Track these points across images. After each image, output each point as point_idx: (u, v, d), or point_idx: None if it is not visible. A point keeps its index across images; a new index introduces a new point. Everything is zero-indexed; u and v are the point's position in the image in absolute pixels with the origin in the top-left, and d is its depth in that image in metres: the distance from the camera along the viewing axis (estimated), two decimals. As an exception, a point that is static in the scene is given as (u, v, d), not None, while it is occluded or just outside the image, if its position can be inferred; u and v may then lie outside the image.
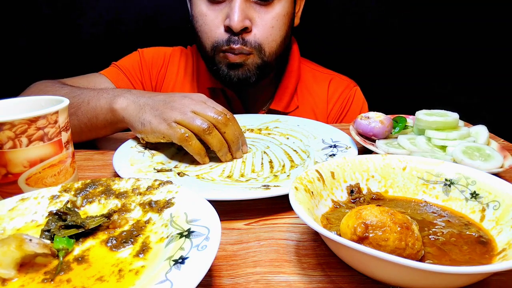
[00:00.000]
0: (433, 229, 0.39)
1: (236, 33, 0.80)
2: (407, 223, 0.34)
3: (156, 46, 1.01)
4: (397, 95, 1.27)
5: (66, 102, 0.48)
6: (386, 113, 0.68)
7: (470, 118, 0.76)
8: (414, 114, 0.67)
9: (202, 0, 0.83)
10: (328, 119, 0.98)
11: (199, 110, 0.60)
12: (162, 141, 0.61)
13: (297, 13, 0.93)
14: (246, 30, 0.80)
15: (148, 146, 0.67)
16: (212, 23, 0.82)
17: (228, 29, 0.80)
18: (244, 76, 0.84)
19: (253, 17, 0.81)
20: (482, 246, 0.36)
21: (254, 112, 0.97)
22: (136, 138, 0.69)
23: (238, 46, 0.81)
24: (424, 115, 0.63)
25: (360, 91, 1.01)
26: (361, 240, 0.33)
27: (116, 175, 0.55)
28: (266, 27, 0.82)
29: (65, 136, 0.48)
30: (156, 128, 0.60)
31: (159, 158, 0.63)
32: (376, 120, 0.64)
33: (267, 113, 0.96)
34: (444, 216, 0.42)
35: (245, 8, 0.79)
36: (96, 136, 0.72)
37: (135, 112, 0.62)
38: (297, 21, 0.93)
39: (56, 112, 0.46)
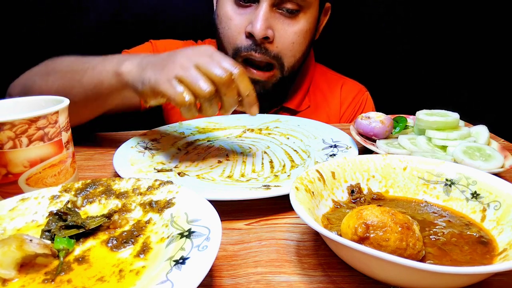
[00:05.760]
0: (434, 229, 0.39)
1: (257, 41, 0.79)
2: (408, 223, 0.34)
3: (168, 39, 1.00)
4: (397, 95, 1.27)
5: (66, 102, 0.48)
6: (387, 113, 0.68)
7: (470, 118, 0.76)
8: (414, 114, 0.67)
9: (229, 1, 0.82)
10: (340, 121, 0.99)
11: (203, 64, 0.52)
12: (161, 101, 0.56)
13: (319, 27, 0.92)
14: (267, 39, 0.79)
15: (149, 146, 0.67)
16: (234, 28, 0.82)
17: (249, 35, 0.79)
18: (258, 92, 0.85)
19: (276, 28, 0.80)
20: (483, 246, 0.36)
21: (267, 109, 0.96)
22: (136, 138, 0.69)
23: (259, 55, 0.80)
24: (424, 115, 0.63)
25: (370, 96, 1.03)
26: (362, 240, 0.33)
27: (117, 175, 0.55)
28: (288, 41, 0.82)
29: (65, 136, 0.48)
30: (155, 85, 0.53)
31: (160, 158, 0.63)
32: (376, 120, 0.64)
33: (279, 110, 0.96)
34: (445, 216, 0.42)
35: (269, 17, 0.78)
36: (102, 109, 0.69)
37: (138, 73, 0.57)
38: (317, 36, 0.93)
39: (57, 112, 0.46)
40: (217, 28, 0.86)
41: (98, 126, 0.86)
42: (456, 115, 0.63)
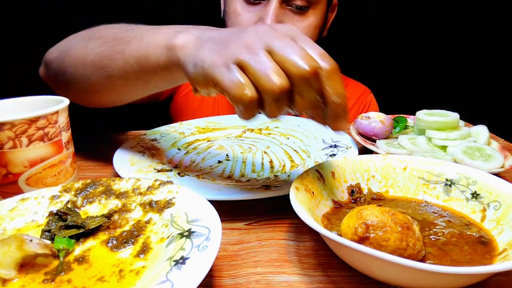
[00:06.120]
0: (434, 229, 0.39)
1: None
2: (408, 223, 0.34)
3: None
4: (397, 95, 1.27)
5: (66, 102, 0.48)
6: (387, 113, 0.68)
7: (470, 118, 0.76)
8: (414, 114, 0.67)
9: None
10: None
11: (278, 48, 0.36)
12: (213, 92, 0.40)
13: (327, 25, 0.92)
14: None
15: (149, 146, 0.67)
16: (244, 24, 0.81)
17: None
18: None
19: None
20: (483, 246, 0.36)
21: None
22: (136, 138, 0.69)
23: None
24: (424, 115, 0.63)
25: (374, 98, 1.03)
26: (362, 240, 0.33)
27: (117, 175, 0.55)
28: None
29: (65, 136, 0.48)
30: (208, 69, 0.38)
31: (160, 158, 0.63)
32: (376, 120, 0.64)
33: None
34: (445, 216, 0.42)
35: (279, 14, 0.78)
36: (144, 91, 0.55)
37: (193, 49, 0.42)
38: (324, 33, 0.93)
39: (56, 112, 0.46)
40: (226, 24, 0.86)
41: (98, 126, 0.86)
42: (456, 115, 0.63)
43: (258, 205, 0.49)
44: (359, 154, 0.60)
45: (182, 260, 0.31)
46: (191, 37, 0.44)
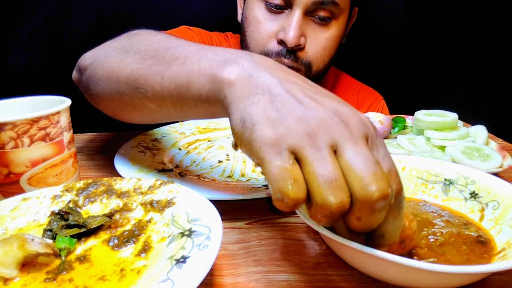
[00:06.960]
0: (432, 229, 0.39)
1: (288, 48, 0.78)
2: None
3: (201, 28, 0.98)
4: (396, 95, 1.27)
5: (67, 102, 0.48)
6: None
7: (469, 118, 0.77)
8: (413, 114, 0.67)
9: (260, 5, 0.81)
10: None
11: (348, 154, 0.29)
12: (254, 162, 0.33)
13: (346, 31, 0.92)
14: (299, 46, 0.79)
15: (150, 146, 0.67)
16: (265, 33, 0.81)
17: (281, 42, 0.79)
18: None
19: (308, 35, 0.79)
20: (481, 246, 0.37)
21: None
22: (137, 138, 0.69)
23: (288, 61, 0.80)
24: (423, 115, 0.63)
25: (386, 105, 1.03)
26: (361, 239, 0.33)
27: (118, 175, 0.56)
28: (319, 47, 0.81)
29: (67, 136, 0.48)
30: (255, 144, 0.31)
31: (161, 158, 0.64)
32: (375, 120, 0.65)
33: None
34: (444, 216, 0.42)
35: (302, 24, 0.77)
36: (179, 118, 0.49)
37: (243, 96, 0.34)
38: (343, 40, 0.92)
39: (58, 112, 0.46)
40: (245, 30, 0.86)
41: (99, 126, 0.86)
42: (454, 115, 0.63)
43: (258, 205, 0.50)
44: (359, 154, 0.60)
45: (183, 259, 0.31)
46: (242, 73, 0.36)
